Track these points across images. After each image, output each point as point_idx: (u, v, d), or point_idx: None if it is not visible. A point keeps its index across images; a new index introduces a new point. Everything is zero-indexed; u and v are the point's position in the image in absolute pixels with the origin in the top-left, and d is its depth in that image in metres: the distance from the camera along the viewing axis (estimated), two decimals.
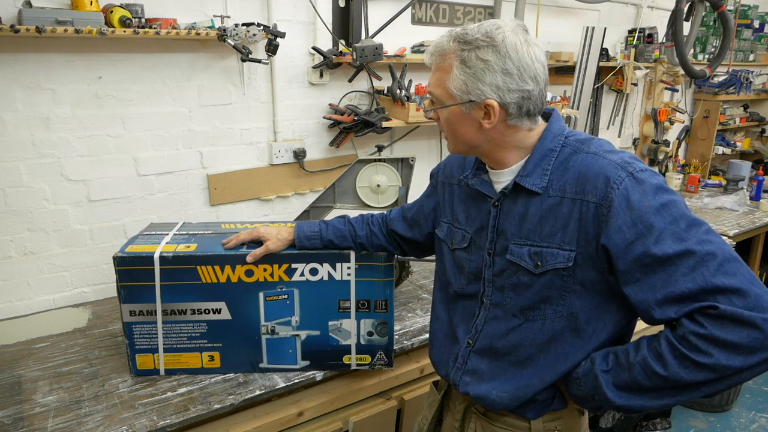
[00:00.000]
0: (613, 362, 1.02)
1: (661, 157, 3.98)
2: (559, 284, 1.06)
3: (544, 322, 1.10)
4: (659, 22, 3.76)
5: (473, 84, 1.02)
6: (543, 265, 1.06)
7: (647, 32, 3.69)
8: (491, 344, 1.16)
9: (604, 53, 3.47)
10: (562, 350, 1.10)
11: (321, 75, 2.46)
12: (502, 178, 1.13)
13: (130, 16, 1.80)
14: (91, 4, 1.76)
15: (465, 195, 1.23)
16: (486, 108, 1.03)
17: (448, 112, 1.07)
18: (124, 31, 1.79)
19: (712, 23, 4.11)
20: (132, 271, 1.48)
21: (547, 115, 1.14)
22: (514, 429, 1.19)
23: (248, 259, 1.49)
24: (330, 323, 1.59)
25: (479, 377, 1.18)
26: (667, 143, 4.04)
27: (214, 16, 2.08)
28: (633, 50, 3.66)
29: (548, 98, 3.07)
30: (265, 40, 2.14)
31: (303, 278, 1.53)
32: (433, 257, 1.66)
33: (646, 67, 3.75)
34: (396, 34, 2.63)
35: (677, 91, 4.06)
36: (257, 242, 1.52)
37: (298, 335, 1.58)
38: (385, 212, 1.53)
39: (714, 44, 4.17)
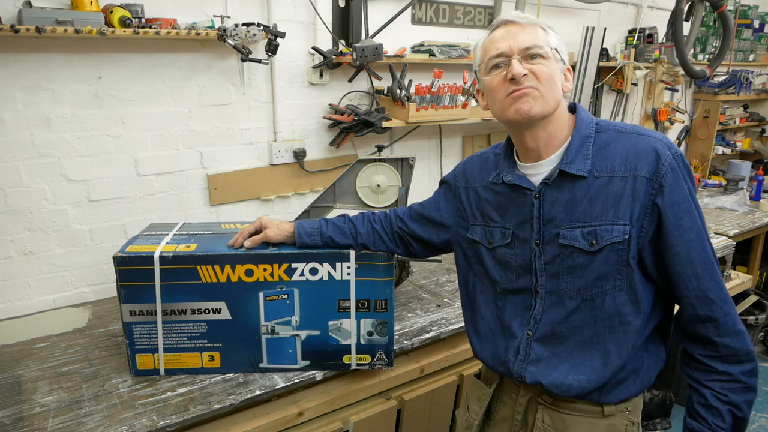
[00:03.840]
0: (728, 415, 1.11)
1: None
2: (615, 259, 1.10)
3: (603, 299, 1.13)
4: (659, 22, 3.76)
5: (563, 48, 1.13)
6: (598, 243, 1.10)
7: (647, 32, 3.69)
8: (553, 330, 1.18)
9: (604, 53, 3.47)
10: (627, 322, 1.13)
11: (321, 75, 2.46)
12: (539, 170, 1.17)
13: (130, 16, 1.80)
14: (91, 4, 1.76)
15: (494, 195, 1.26)
16: (566, 73, 1.15)
17: (554, 66, 1.11)
18: (124, 31, 1.79)
19: (712, 23, 4.11)
20: (132, 270, 1.48)
21: (572, 109, 1.20)
22: (586, 414, 1.19)
23: (246, 244, 1.50)
24: (330, 323, 1.58)
25: (545, 365, 1.19)
26: None
27: (214, 16, 2.08)
28: (633, 50, 3.66)
29: None
30: (265, 40, 2.14)
31: (303, 278, 1.53)
32: (434, 256, 1.65)
33: (646, 67, 3.75)
34: (396, 34, 2.64)
35: (677, 91, 4.06)
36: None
37: (298, 335, 1.58)
38: (386, 211, 1.53)
39: (714, 44, 4.17)
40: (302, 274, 1.52)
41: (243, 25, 2.06)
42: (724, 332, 1.09)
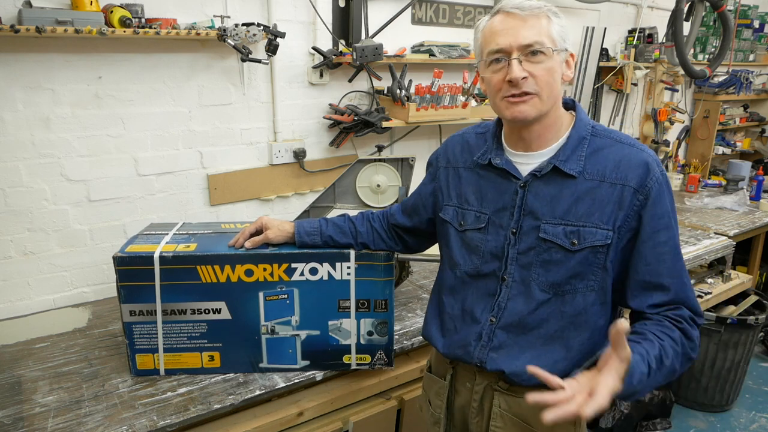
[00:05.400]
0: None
1: (661, 157, 3.98)
2: (592, 260, 1.13)
3: (574, 296, 1.15)
4: (659, 22, 3.76)
5: (566, 34, 1.12)
6: (580, 243, 1.12)
7: (647, 32, 3.69)
8: (520, 320, 1.19)
9: (604, 53, 3.47)
10: (593, 321, 1.16)
11: (321, 75, 2.46)
12: (528, 161, 1.18)
13: (130, 16, 1.80)
14: (91, 4, 1.76)
15: (476, 177, 1.25)
16: (569, 59, 1.14)
17: (554, 61, 1.09)
18: (124, 31, 1.79)
19: (712, 23, 4.11)
20: (132, 270, 1.48)
21: (569, 107, 1.20)
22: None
23: (247, 245, 1.50)
24: (330, 323, 1.58)
25: (507, 351, 1.20)
26: (667, 143, 4.04)
27: (214, 16, 2.08)
28: (633, 50, 3.66)
29: None
30: (265, 40, 2.14)
31: (303, 278, 1.53)
32: (433, 257, 1.65)
33: (646, 67, 3.75)
34: (396, 34, 2.63)
35: (677, 91, 4.06)
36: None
37: (298, 335, 1.58)
38: (385, 209, 1.53)
39: (714, 44, 4.17)
40: (302, 274, 1.52)
41: (243, 25, 2.06)
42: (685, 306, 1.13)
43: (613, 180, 1.11)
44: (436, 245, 1.58)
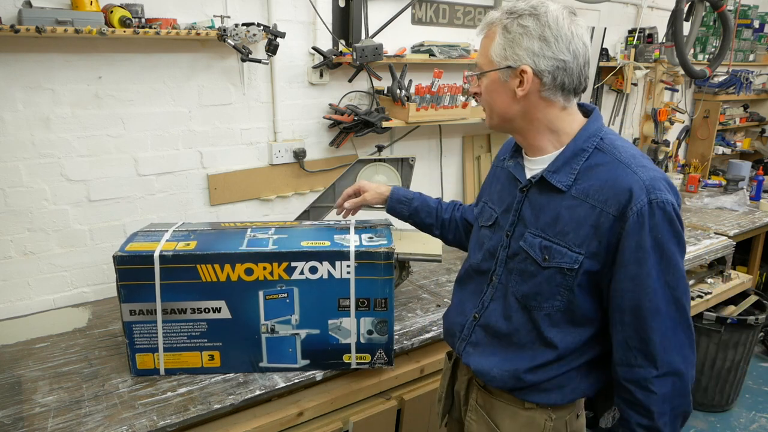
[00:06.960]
0: None
1: (661, 157, 3.98)
2: (559, 281, 1.10)
3: (539, 312, 1.14)
4: (659, 22, 3.77)
5: (510, 49, 1.06)
6: (549, 261, 1.10)
7: (647, 32, 3.69)
8: (495, 323, 1.22)
9: (604, 53, 3.47)
10: (559, 339, 1.14)
11: (321, 75, 2.46)
12: (535, 166, 1.17)
13: (130, 16, 1.80)
14: (91, 4, 1.76)
15: (503, 176, 1.28)
16: (520, 74, 1.06)
17: (488, 80, 1.11)
18: (124, 31, 1.79)
19: (712, 23, 4.11)
20: (132, 270, 1.48)
21: (588, 113, 1.16)
22: (509, 403, 1.24)
23: (346, 205, 1.55)
24: (330, 322, 1.58)
25: (481, 350, 1.25)
26: (667, 143, 4.04)
27: (214, 16, 2.08)
28: (633, 50, 3.66)
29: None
30: (265, 40, 2.14)
31: (303, 277, 1.53)
32: (433, 257, 1.65)
33: (646, 67, 3.75)
34: (396, 34, 2.64)
35: (677, 91, 4.06)
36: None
37: (297, 334, 1.58)
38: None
39: (714, 44, 4.17)
40: (302, 272, 1.52)
41: (243, 25, 2.06)
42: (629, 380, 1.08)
43: (594, 202, 1.05)
44: (434, 245, 1.60)
